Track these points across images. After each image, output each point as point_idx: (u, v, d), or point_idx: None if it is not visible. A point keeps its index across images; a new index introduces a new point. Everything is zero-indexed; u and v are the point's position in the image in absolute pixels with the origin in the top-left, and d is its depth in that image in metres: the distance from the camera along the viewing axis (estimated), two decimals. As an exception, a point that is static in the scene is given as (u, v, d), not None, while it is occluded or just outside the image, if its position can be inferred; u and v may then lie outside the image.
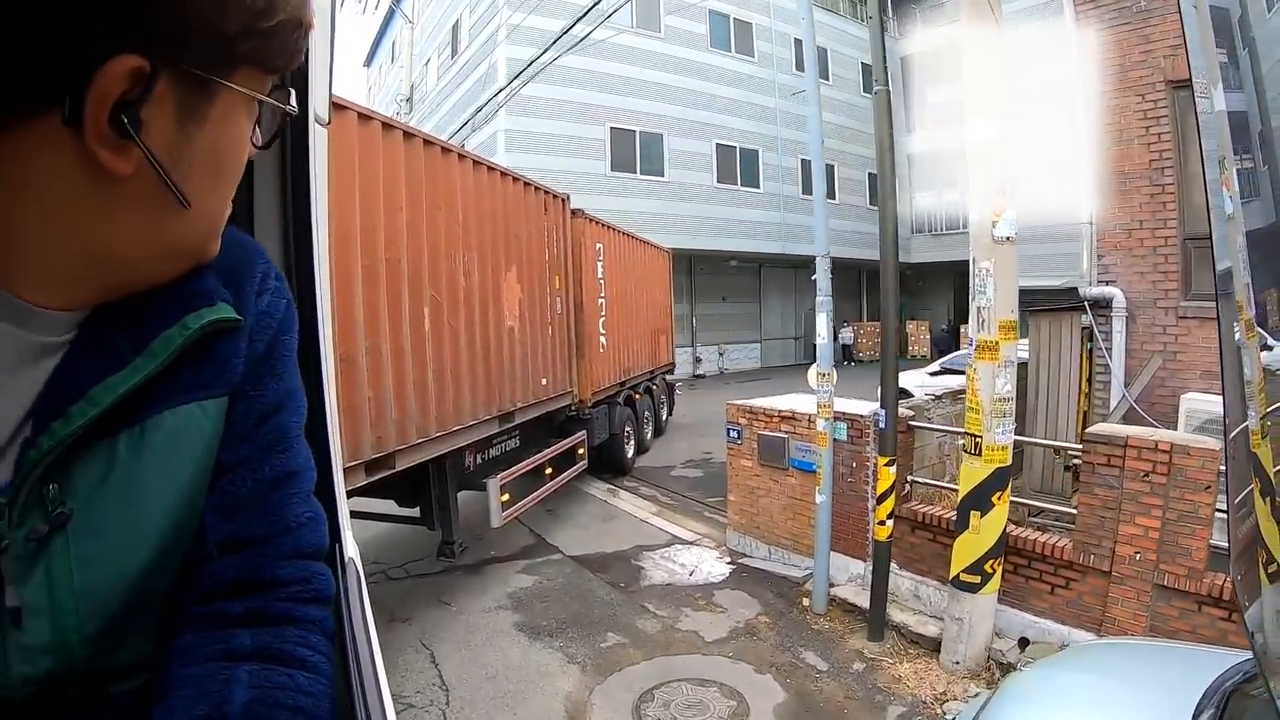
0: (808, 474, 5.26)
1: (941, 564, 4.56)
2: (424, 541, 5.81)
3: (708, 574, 5.46)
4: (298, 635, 0.57)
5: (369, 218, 3.87)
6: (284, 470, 0.61)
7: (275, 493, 0.60)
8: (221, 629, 0.55)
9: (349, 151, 3.69)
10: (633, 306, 8.94)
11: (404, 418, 4.13)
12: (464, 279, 4.87)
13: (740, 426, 5.65)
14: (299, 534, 0.61)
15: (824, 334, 4.76)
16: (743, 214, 17.19)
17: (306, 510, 0.62)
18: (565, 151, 14.27)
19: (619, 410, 8.34)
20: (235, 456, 0.58)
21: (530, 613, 4.81)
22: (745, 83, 17.24)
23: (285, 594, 0.59)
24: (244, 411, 0.59)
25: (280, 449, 0.61)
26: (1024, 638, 4.23)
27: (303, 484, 0.63)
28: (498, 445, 5.62)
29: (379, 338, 3.94)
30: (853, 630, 4.66)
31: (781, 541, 5.55)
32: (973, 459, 4.03)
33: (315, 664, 0.57)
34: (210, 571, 0.57)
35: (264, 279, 0.61)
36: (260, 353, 0.60)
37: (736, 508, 5.84)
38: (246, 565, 0.58)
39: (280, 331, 0.62)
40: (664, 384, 10.93)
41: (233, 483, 0.58)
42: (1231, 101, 1.07)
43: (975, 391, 4.01)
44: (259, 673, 0.54)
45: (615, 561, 5.73)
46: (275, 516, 0.60)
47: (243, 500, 0.58)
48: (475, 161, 5.19)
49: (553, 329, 6.53)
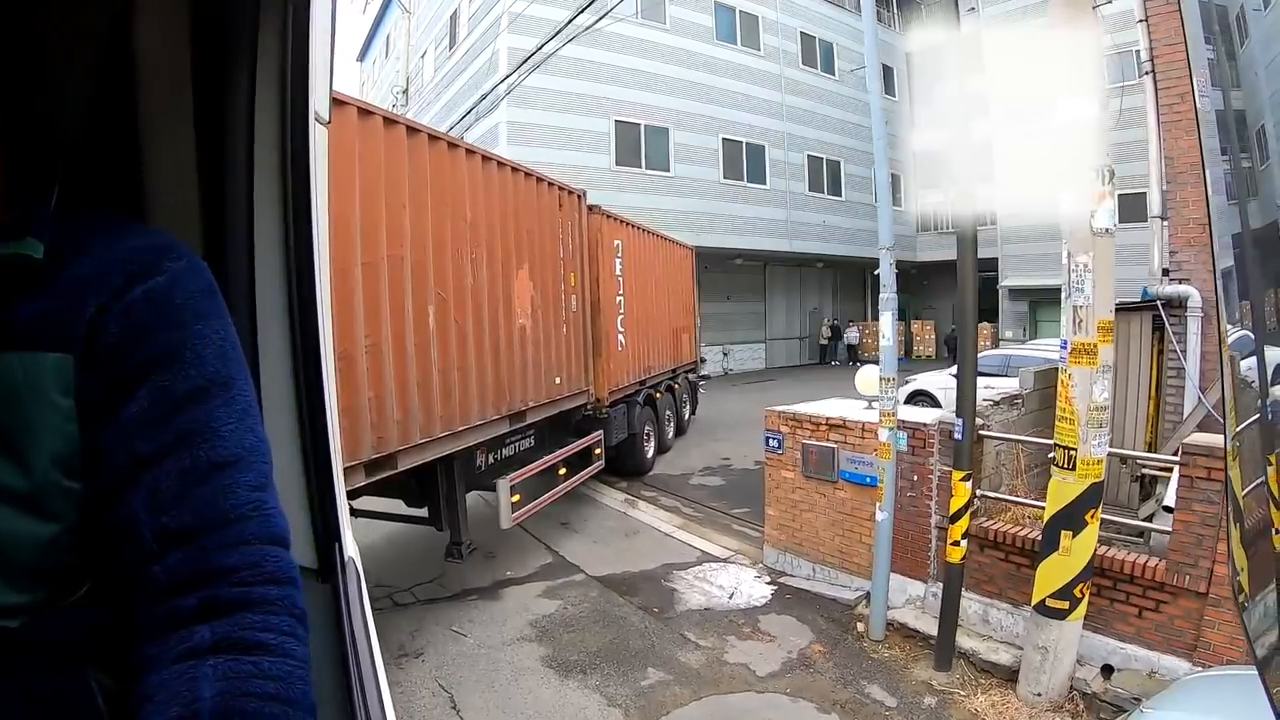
0: (861, 487, 4.79)
1: (1013, 585, 4.24)
2: (429, 563, 5.34)
3: (749, 596, 4.98)
4: (256, 620, 0.56)
5: (370, 214, 3.76)
6: (213, 460, 0.59)
7: (207, 484, 0.59)
8: (179, 628, 0.55)
9: (349, 147, 3.59)
10: (653, 304, 8.79)
11: (407, 417, 4.00)
12: (472, 277, 4.74)
13: (781, 435, 5.18)
14: (241, 525, 0.59)
15: (888, 335, 4.29)
16: (749, 211, 16.74)
17: (251, 501, 0.60)
18: (569, 145, 13.77)
19: (638, 410, 8.18)
20: (151, 447, 0.58)
21: (558, 645, 4.30)
22: (751, 76, 16.79)
23: (236, 579, 0.57)
24: (153, 401, 0.58)
25: (205, 439, 0.59)
26: (1107, 665, 3.87)
27: (241, 474, 0.60)
28: (511, 445, 5.52)
29: (380, 336, 3.82)
30: (915, 658, 4.22)
31: (827, 560, 5.08)
32: (1065, 473, 3.63)
33: (279, 645, 0.56)
34: (153, 572, 0.57)
35: (155, 263, 0.61)
36: (145, 337, 0.59)
37: (775, 522, 5.37)
38: (190, 559, 0.57)
39: (188, 320, 0.61)
40: (686, 382, 10.72)
41: (156, 476, 0.58)
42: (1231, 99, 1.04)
43: (1069, 399, 3.59)
44: (222, 665, 0.53)
45: (644, 583, 5.24)
46: (211, 509, 0.58)
47: (171, 493, 0.58)
48: (485, 157, 5.02)
49: (567, 327, 6.37)
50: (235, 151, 0.83)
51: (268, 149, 0.83)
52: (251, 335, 0.82)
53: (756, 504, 7.09)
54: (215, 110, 0.82)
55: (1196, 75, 0.98)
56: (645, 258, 8.51)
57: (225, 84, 0.82)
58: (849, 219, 19.32)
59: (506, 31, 13.03)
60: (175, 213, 0.82)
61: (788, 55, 17.70)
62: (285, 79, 0.79)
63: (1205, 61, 1.04)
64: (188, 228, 0.82)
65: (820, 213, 18.58)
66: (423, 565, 5.43)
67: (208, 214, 0.84)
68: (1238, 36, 1.07)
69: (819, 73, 18.47)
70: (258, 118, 0.82)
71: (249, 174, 0.80)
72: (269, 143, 0.82)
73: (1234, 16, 1.11)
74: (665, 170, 15.41)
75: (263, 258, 0.84)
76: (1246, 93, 1.07)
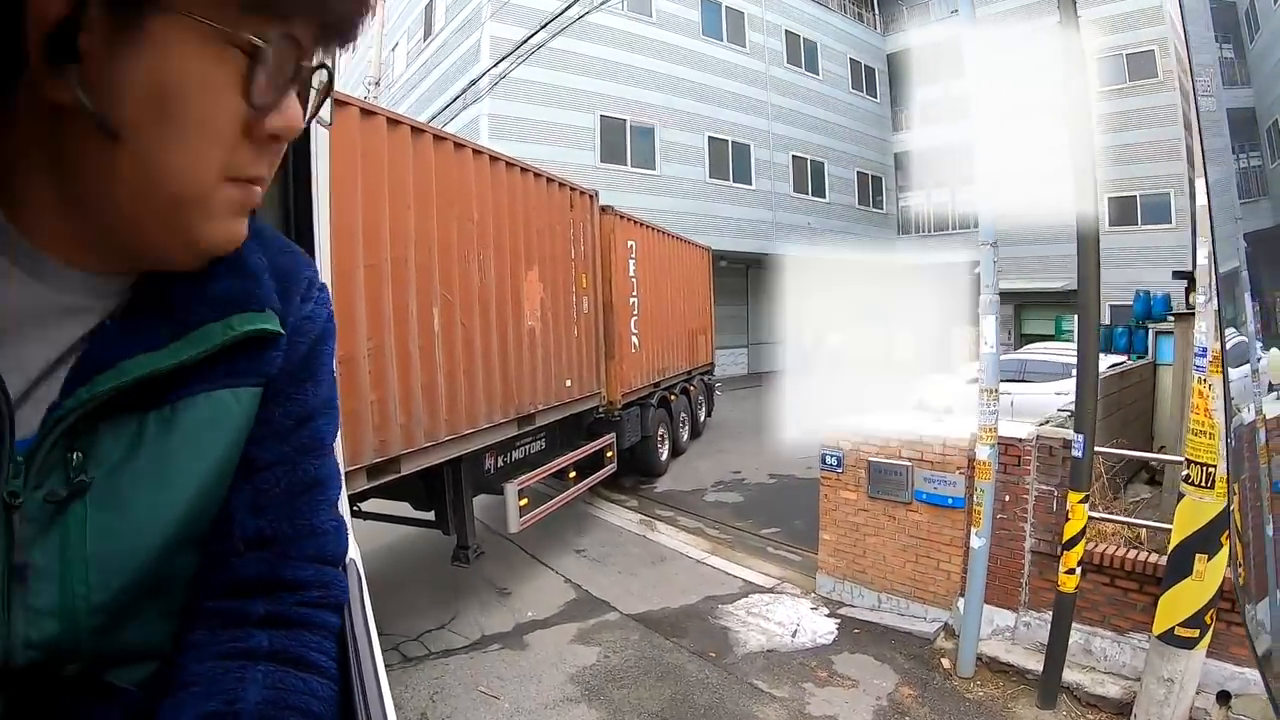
0: (939, 509, 4.29)
1: (1119, 612, 3.86)
2: (435, 604, 4.68)
3: (813, 633, 4.41)
4: (314, 640, 0.58)
5: (373, 215, 3.69)
6: (317, 475, 0.61)
7: (306, 495, 0.60)
8: (239, 627, 0.55)
9: (350, 147, 3.51)
10: (668, 305, 8.65)
11: (410, 421, 3.93)
12: (479, 278, 4.64)
13: (842, 453, 4.64)
14: (323, 539, 0.61)
15: (991, 341, 3.79)
16: (735, 211, 16.31)
17: (332, 518, 0.62)
18: (553, 140, 13.10)
19: (652, 412, 8.07)
20: (271, 455, 0.58)
21: (611, 706, 3.64)
22: (737, 74, 16.39)
23: (306, 598, 0.58)
24: (282, 413, 0.59)
25: (315, 454, 0.61)
26: (1224, 691, 3.51)
27: (331, 492, 0.63)
28: (521, 447, 5.46)
29: (383, 339, 3.75)
30: (1014, 696, 3.78)
31: (896, 588, 4.56)
32: (1201, 492, 3.22)
33: (330, 670, 0.57)
34: (232, 567, 0.57)
35: (309, 286, 0.62)
36: (300, 356, 0.60)
37: (831, 547, 4.82)
38: (270, 563, 0.57)
39: (320, 340, 0.62)
40: (702, 384, 10.54)
41: (266, 480, 0.58)
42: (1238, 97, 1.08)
43: (1208, 411, 3.16)
44: (274, 674, 0.53)
45: (689, 620, 4.62)
46: (303, 519, 0.59)
47: (275, 499, 0.58)
48: (492, 157, 4.91)
49: (579, 329, 6.24)
50: None
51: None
52: None
53: (786, 523, 6.59)
54: None
55: (1197, 75, 0.99)
56: (660, 258, 8.37)
57: None
58: (834, 221, 19.12)
59: (491, 20, 12.29)
60: None
61: (773, 53, 17.38)
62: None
63: (1207, 60, 1.04)
64: None
65: (805, 214, 18.32)
66: (429, 607, 4.72)
67: None
68: (1247, 32, 1.08)
69: (804, 72, 18.21)
70: None
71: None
72: None
73: (1243, 13, 1.12)
74: (652, 169, 14.86)
75: None
76: (1258, 90, 1.07)
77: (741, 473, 8.54)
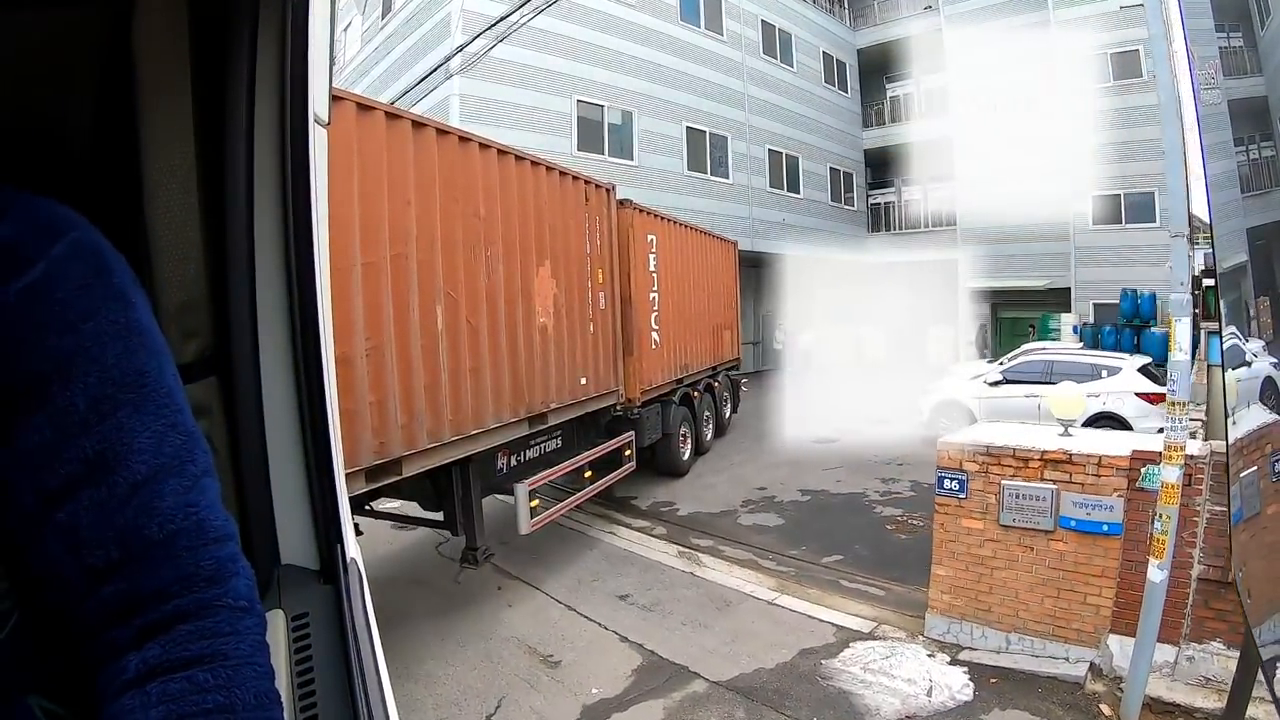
0: (1089, 537, 3.65)
1: None
2: (468, 693, 3.75)
3: (949, 689, 3.67)
4: (188, 631, 0.52)
5: (371, 212, 3.59)
6: (132, 481, 0.52)
7: (128, 509, 0.52)
8: (115, 659, 0.51)
9: (347, 143, 3.43)
10: (691, 300, 8.31)
11: (412, 421, 3.83)
12: (486, 275, 4.52)
13: (966, 475, 3.92)
14: (170, 541, 0.53)
15: (1184, 348, 3.13)
16: (713, 206, 15.58)
17: (178, 510, 0.53)
18: (527, 125, 12.03)
19: (674, 409, 7.87)
20: (59, 480, 0.51)
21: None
22: (714, 62, 15.68)
23: (165, 596, 0.52)
24: (52, 425, 0.51)
25: (119, 458, 0.52)
26: None
27: (165, 484, 0.53)
28: (535, 446, 5.38)
29: (382, 338, 3.65)
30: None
31: (1030, 627, 3.89)
32: None
33: (215, 651, 0.52)
34: (86, 608, 0.52)
35: (27, 253, 0.51)
36: (20, 347, 0.50)
37: (948, 584, 4.11)
38: (120, 591, 0.51)
39: (76, 318, 0.52)
40: (727, 380, 10.22)
41: (72, 513, 0.51)
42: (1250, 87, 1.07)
43: None
44: (157, 688, 0.49)
45: (794, 684, 3.80)
46: (136, 535, 0.52)
47: (90, 529, 0.51)
48: (500, 151, 4.77)
49: (595, 326, 6.10)
50: (235, 153, 0.80)
51: (267, 151, 0.81)
52: (252, 337, 0.81)
53: (845, 550, 5.86)
54: (214, 112, 0.79)
55: (1197, 69, 0.70)
56: (682, 252, 8.15)
57: (224, 85, 0.79)
58: (807, 217, 18.75)
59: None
60: (174, 215, 0.78)
61: (749, 43, 16.76)
62: (284, 80, 0.79)
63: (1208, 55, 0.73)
64: (187, 230, 0.78)
65: (781, 210, 17.84)
66: (460, 695, 3.76)
67: (207, 216, 0.80)
68: (1258, 22, 1.13)
69: (779, 64, 17.68)
70: (257, 120, 0.79)
71: (249, 176, 0.79)
72: (268, 145, 0.80)
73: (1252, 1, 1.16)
74: (629, 159, 13.98)
75: (263, 260, 0.81)
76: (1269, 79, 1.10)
77: (767, 489, 7.81)
